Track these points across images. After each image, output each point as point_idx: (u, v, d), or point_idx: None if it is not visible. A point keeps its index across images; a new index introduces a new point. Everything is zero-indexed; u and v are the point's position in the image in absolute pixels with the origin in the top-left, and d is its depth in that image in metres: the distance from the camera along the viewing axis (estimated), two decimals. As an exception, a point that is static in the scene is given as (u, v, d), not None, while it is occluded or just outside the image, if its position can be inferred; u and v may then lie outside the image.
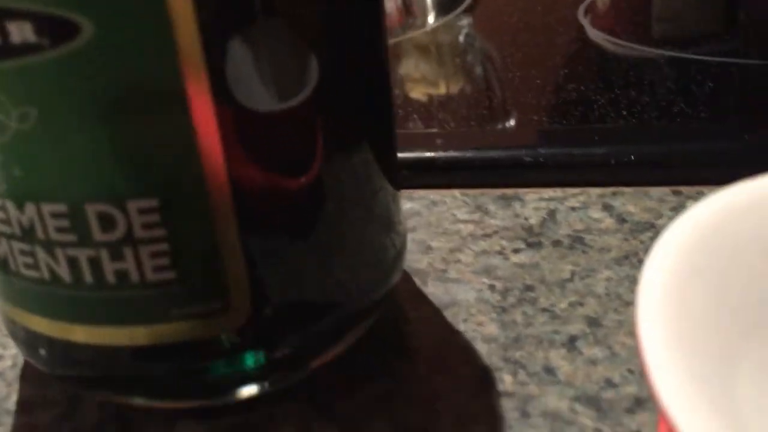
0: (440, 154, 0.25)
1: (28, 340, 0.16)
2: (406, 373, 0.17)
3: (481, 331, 0.18)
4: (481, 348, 0.18)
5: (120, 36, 0.12)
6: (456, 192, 0.24)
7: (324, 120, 0.15)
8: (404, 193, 0.24)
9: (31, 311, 0.15)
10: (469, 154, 0.25)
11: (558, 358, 0.17)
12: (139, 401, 0.16)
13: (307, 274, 0.15)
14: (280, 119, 0.14)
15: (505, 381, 0.17)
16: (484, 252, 0.21)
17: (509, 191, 0.24)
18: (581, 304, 0.19)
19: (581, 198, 0.23)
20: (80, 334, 0.15)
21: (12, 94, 0.12)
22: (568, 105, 0.29)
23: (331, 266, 0.16)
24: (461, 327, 0.18)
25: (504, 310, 0.19)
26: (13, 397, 0.18)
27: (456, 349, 0.18)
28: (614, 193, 0.23)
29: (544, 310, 0.19)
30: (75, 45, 0.12)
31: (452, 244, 0.22)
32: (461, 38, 0.39)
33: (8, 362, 0.19)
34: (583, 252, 0.21)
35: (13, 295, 0.15)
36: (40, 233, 0.13)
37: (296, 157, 0.15)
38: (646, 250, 0.20)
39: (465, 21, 0.41)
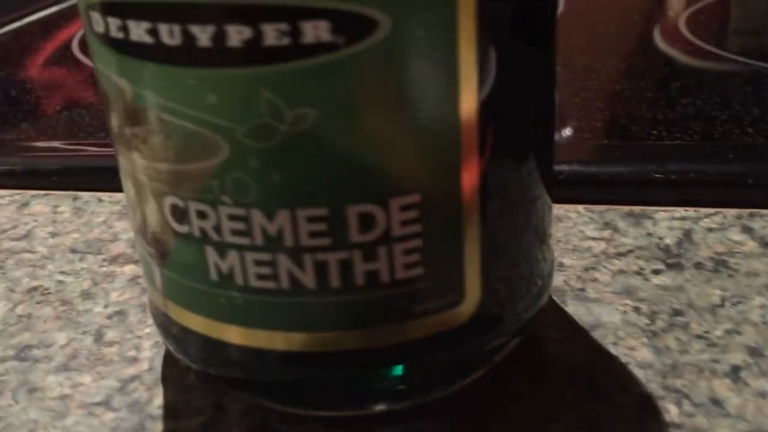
0: (563, 167, 0.24)
1: (189, 340, 0.16)
2: (557, 397, 0.17)
3: (633, 355, 0.17)
4: (637, 374, 0.17)
5: (413, 30, 0.12)
6: (580, 207, 0.24)
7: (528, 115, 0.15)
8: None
9: (213, 317, 0.15)
10: (593, 168, 0.24)
11: (723, 388, 0.16)
12: (302, 410, 0.16)
13: (514, 272, 0.16)
14: (527, 122, 0.15)
15: (670, 411, 0.16)
16: (622, 272, 0.20)
17: (636, 208, 0.23)
18: (738, 332, 0.18)
19: (717, 219, 0.22)
20: (280, 341, 0.14)
21: (290, 97, 0.12)
22: (686, 119, 0.28)
23: (512, 269, 0.16)
24: (611, 350, 0.18)
25: (655, 334, 0.18)
26: (155, 402, 0.17)
27: (609, 374, 0.17)
28: (752, 215, 0.22)
29: (699, 336, 0.18)
30: (370, 42, 0.12)
31: (586, 262, 0.21)
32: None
33: (145, 365, 0.19)
34: (730, 276, 0.20)
35: (194, 300, 0.15)
36: (288, 240, 0.13)
37: (524, 152, 0.15)
38: (798, 276, 0.19)
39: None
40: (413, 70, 0.12)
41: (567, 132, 0.28)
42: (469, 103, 0.13)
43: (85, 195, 0.27)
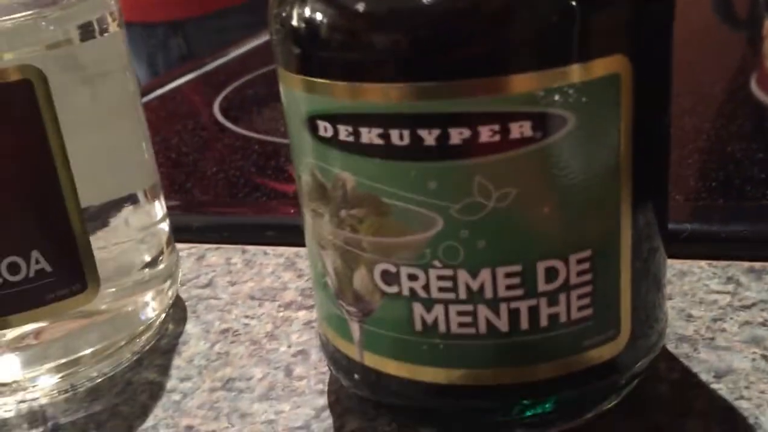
0: (686, 226, 0.27)
1: (382, 382, 0.19)
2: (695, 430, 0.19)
3: (765, 398, 0.20)
4: (771, 415, 0.19)
5: (592, 124, 0.16)
6: (702, 263, 0.26)
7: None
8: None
9: (413, 361, 0.18)
10: (715, 227, 0.27)
11: None
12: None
13: (648, 311, 0.19)
14: (658, 186, 0.19)
15: (805, 448, 0.18)
16: (747, 323, 0.23)
17: (757, 264, 0.25)
18: None
19: (835, 275, 0.24)
20: (461, 376, 0.18)
21: (497, 179, 0.16)
22: (799, 180, 0.30)
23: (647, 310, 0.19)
24: (744, 393, 0.20)
25: (784, 380, 0.20)
26: (347, 427, 0.21)
27: (746, 414, 0.19)
28: None
29: (826, 383, 0.20)
30: (561, 134, 0.15)
31: (713, 314, 0.23)
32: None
33: (332, 397, 0.22)
34: None
35: (396, 348, 0.18)
36: (488, 293, 0.17)
37: (655, 211, 0.18)
38: None
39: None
40: (590, 154, 0.16)
41: (684, 192, 0.30)
42: (626, 175, 0.17)
43: (252, 248, 0.32)
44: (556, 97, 0.15)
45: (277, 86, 0.19)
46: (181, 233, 0.33)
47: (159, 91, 0.57)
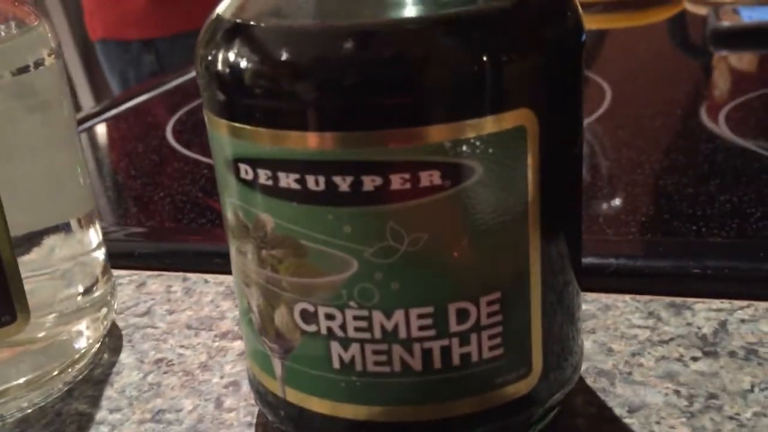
0: (611, 261, 0.28)
1: (305, 418, 0.20)
2: (610, 467, 0.20)
3: (674, 433, 0.21)
4: (678, 449, 0.20)
5: (498, 173, 0.16)
6: (627, 297, 0.27)
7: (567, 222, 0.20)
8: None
9: (332, 398, 0.18)
10: (639, 262, 0.28)
11: (751, 464, 0.19)
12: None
13: (561, 346, 0.20)
14: (569, 228, 0.19)
15: (706, 482, 0.19)
16: (664, 358, 0.24)
17: (677, 299, 0.26)
18: (765, 415, 0.21)
19: (749, 311, 0.25)
20: (380, 413, 0.18)
21: (409, 225, 0.16)
22: (725, 216, 0.31)
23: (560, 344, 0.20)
24: (654, 429, 0.21)
25: (692, 415, 0.21)
26: (273, 461, 0.21)
27: (654, 449, 0.20)
28: (781, 308, 0.25)
29: (731, 418, 0.21)
30: (469, 183, 0.16)
31: (633, 348, 0.24)
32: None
33: (260, 430, 0.22)
34: (759, 364, 0.23)
35: (315, 385, 0.19)
36: (402, 333, 0.17)
37: (567, 252, 0.19)
38: (820, 366, 0.22)
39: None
40: (498, 200, 0.17)
41: (614, 226, 0.31)
42: (534, 220, 0.17)
43: (193, 276, 0.32)
44: (464, 148, 0.16)
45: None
46: (123, 259, 0.33)
47: (113, 111, 0.57)
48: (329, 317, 0.18)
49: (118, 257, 0.33)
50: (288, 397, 0.19)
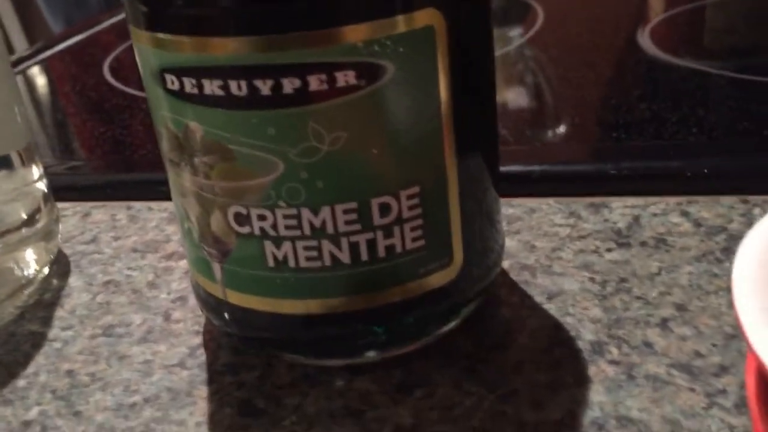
0: (535, 167, 0.29)
1: (246, 317, 0.21)
2: (532, 346, 0.22)
3: (587, 314, 0.22)
4: (589, 327, 0.22)
5: (410, 72, 0.17)
6: (550, 200, 0.29)
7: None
8: (505, 200, 0.29)
9: (269, 295, 0.20)
10: (559, 167, 0.29)
11: (654, 335, 0.21)
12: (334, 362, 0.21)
13: (480, 243, 0.21)
14: (483, 130, 0.21)
15: (613, 352, 0.21)
16: (582, 251, 0.25)
17: (597, 199, 0.28)
18: (669, 293, 0.23)
19: (661, 206, 0.27)
20: (316, 306, 0.20)
21: (329, 125, 0.17)
22: (644, 123, 0.33)
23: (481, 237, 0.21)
24: (570, 311, 0.23)
25: (604, 297, 0.23)
26: (220, 362, 0.22)
27: (569, 328, 0.22)
28: (690, 202, 0.27)
29: (638, 297, 0.23)
30: (382, 82, 0.17)
31: (553, 244, 0.26)
32: (522, 56, 0.43)
33: (207, 336, 0.24)
34: (667, 251, 0.25)
35: (253, 284, 0.20)
36: (329, 229, 0.18)
37: (482, 152, 0.21)
38: (721, 249, 0.24)
39: (520, 40, 0.45)
40: (412, 99, 0.18)
41: (540, 136, 0.33)
42: (448, 119, 0.19)
43: (137, 204, 0.32)
44: (377, 48, 0.17)
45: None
46: (66, 192, 0.34)
47: (48, 53, 0.56)
48: (261, 218, 0.19)
49: (62, 190, 0.33)
50: (229, 298, 0.21)
